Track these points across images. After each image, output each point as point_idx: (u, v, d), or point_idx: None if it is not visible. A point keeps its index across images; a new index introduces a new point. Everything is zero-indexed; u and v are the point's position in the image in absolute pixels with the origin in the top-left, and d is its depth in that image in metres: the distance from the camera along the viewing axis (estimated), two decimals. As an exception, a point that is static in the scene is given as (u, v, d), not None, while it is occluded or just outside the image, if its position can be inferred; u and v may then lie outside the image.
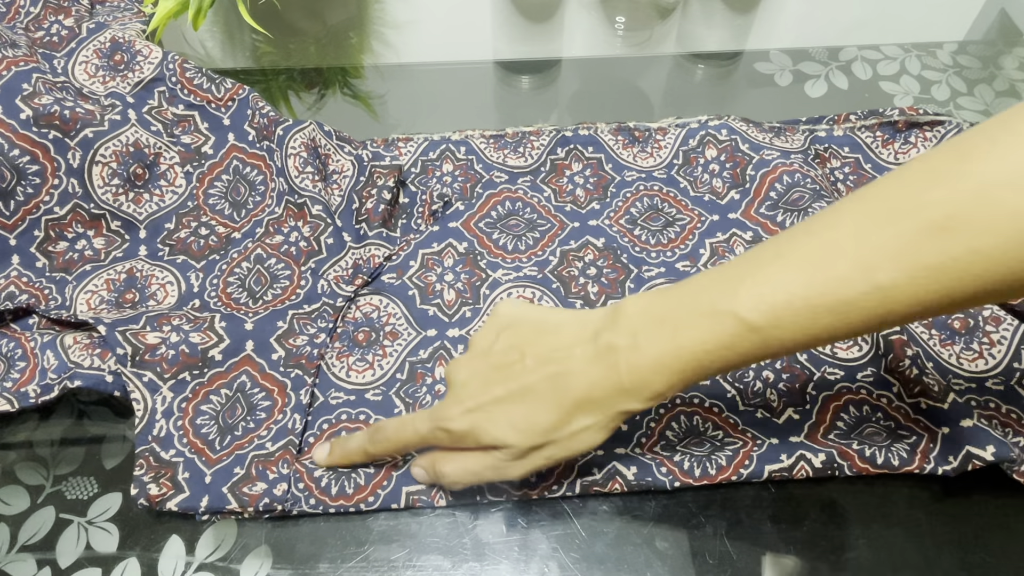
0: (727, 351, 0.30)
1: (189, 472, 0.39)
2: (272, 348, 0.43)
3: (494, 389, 0.34)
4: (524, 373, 0.33)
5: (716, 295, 0.30)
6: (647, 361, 0.31)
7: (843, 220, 0.29)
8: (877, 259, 0.27)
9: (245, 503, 0.37)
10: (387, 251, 0.47)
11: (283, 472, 0.38)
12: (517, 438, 0.33)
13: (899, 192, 0.28)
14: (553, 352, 0.33)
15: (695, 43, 0.65)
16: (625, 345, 0.31)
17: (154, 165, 0.49)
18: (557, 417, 0.33)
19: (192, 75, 0.52)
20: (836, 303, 0.28)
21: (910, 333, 0.43)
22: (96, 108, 0.48)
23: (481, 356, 0.35)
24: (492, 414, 0.34)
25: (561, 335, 0.34)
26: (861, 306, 0.28)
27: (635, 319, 0.32)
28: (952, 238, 0.26)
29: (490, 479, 0.36)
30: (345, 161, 0.49)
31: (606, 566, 0.37)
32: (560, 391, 0.33)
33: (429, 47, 0.63)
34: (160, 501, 0.37)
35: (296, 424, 0.40)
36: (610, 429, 0.33)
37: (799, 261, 0.29)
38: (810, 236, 0.29)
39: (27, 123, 0.44)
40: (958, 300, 0.27)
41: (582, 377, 0.32)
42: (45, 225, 0.46)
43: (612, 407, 0.32)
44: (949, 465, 0.38)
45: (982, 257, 0.26)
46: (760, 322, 0.29)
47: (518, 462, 0.34)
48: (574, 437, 0.33)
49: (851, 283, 0.28)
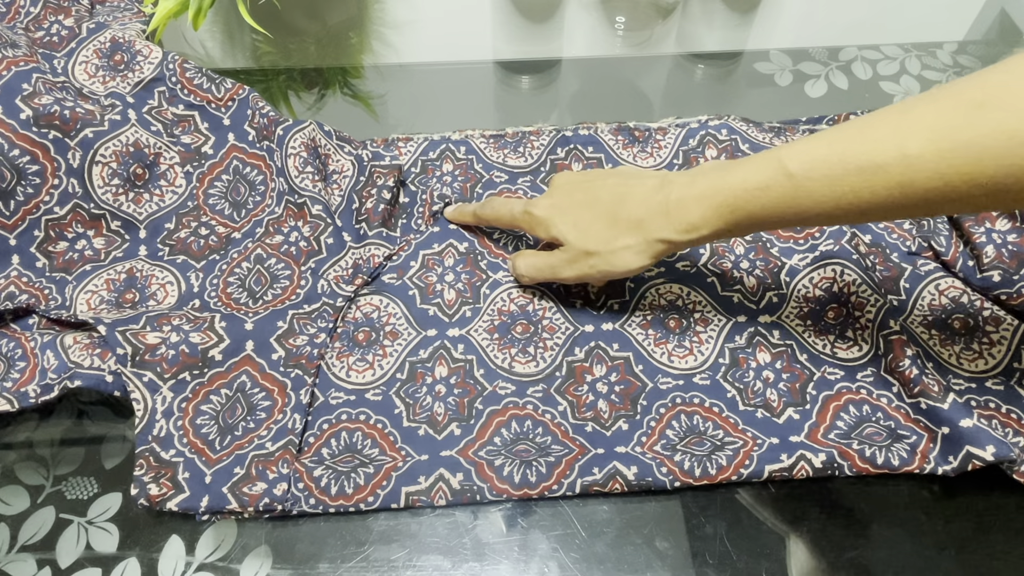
0: (762, 192, 0.34)
1: (189, 472, 0.39)
2: (272, 348, 0.43)
3: (576, 194, 0.41)
4: (602, 188, 0.40)
5: (772, 151, 0.35)
6: (693, 192, 0.36)
7: (893, 107, 0.32)
8: (912, 128, 0.30)
9: (245, 503, 0.37)
10: (387, 251, 0.47)
11: (283, 472, 0.38)
12: (575, 237, 0.40)
13: (944, 87, 0.31)
14: (629, 179, 0.40)
15: (695, 43, 0.65)
16: (682, 182, 0.37)
17: (154, 165, 0.49)
18: (608, 229, 0.39)
19: (192, 75, 0.52)
20: (866, 164, 0.31)
21: (910, 333, 0.43)
22: (96, 108, 0.48)
23: (582, 173, 0.43)
24: (565, 211, 0.41)
25: (644, 174, 0.41)
26: (887, 171, 0.31)
27: (703, 167, 0.38)
28: (984, 115, 0.28)
29: (547, 277, 0.43)
30: (345, 161, 0.49)
31: (606, 566, 0.37)
32: (617, 207, 0.39)
33: (429, 47, 0.63)
34: (160, 501, 0.37)
35: (296, 424, 0.40)
36: (648, 255, 0.38)
37: (847, 128, 0.33)
38: (863, 118, 0.33)
39: (27, 123, 0.44)
40: (976, 182, 0.29)
41: (638, 200, 0.38)
42: (45, 225, 0.46)
43: (653, 232, 0.38)
44: (949, 465, 0.38)
45: (1007, 138, 0.28)
46: (796, 169, 0.33)
47: (571, 265, 0.41)
48: (616, 254, 0.39)
49: (883, 147, 0.31)
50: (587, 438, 0.40)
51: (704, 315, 0.45)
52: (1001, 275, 0.43)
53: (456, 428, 0.41)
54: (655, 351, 0.44)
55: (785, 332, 0.44)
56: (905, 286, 0.45)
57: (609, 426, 0.41)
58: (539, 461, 0.39)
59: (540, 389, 0.42)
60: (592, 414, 0.41)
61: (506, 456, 0.40)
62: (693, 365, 0.43)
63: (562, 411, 0.42)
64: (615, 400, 0.42)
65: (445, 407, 0.42)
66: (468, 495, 0.39)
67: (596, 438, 0.40)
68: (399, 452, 0.40)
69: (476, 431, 0.41)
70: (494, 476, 0.39)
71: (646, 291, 0.46)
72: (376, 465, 0.39)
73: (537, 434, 0.41)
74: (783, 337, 0.44)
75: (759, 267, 0.46)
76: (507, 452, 0.40)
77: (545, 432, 0.41)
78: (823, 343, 0.44)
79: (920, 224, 0.47)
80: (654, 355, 0.44)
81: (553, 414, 0.41)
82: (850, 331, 0.44)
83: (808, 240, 0.47)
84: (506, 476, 0.39)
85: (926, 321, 0.44)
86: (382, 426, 0.41)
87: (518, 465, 0.39)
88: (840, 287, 0.44)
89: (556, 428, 0.41)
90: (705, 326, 0.45)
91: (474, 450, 0.40)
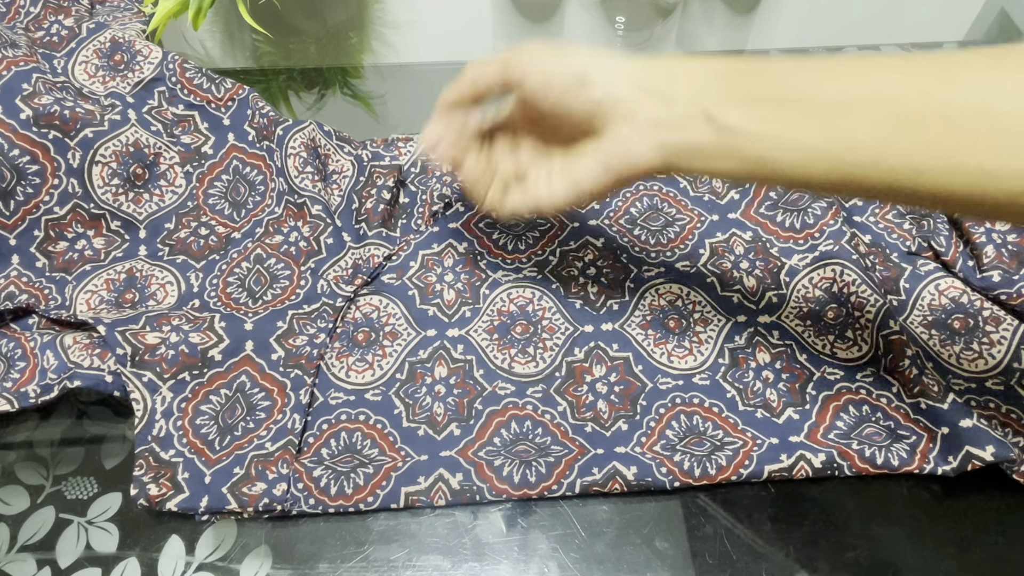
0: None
1: (189, 472, 0.39)
2: (272, 348, 0.43)
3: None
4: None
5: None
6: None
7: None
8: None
9: (244, 503, 0.37)
10: (387, 251, 0.47)
11: (283, 472, 0.38)
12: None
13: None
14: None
15: (695, 43, 0.65)
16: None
17: (154, 165, 0.49)
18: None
19: (192, 75, 0.52)
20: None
21: (910, 333, 0.43)
22: (96, 108, 0.48)
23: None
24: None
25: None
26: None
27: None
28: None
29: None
30: (345, 161, 0.49)
31: (606, 566, 0.37)
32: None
33: (429, 47, 0.63)
34: (160, 501, 0.37)
35: (296, 424, 0.40)
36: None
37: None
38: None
39: (27, 123, 0.44)
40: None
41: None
42: (45, 225, 0.46)
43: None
44: (949, 465, 0.38)
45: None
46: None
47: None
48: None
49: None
50: (587, 438, 0.40)
51: (704, 315, 0.45)
52: (1001, 275, 0.43)
53: (456, 428, 0.41)
54: (655, 351, 0.44)
55: (785, 332, 0.44)
56: (905, 286, 0.45)
57: (609, 426, 0.41)
58: (539, 461, 0.39)
59: (540, 389, 0.42)
60: (592, 414, 0.41)
61: (506, 456, 0.40)
62: (693, 365, 0.43)
63: (562, 411, 0.42)
64: (615, 400, 0.42)
65: (445, 407, 0.42)
66: (468, 495, 0.39)
67: (596, 438, 0.40)
68: (399, 452, 0.40)
69: (476, 431, 0.41)
70: (494, 476, 0.39)
71: (646, 291, 0.46)
72: (376, 465, 0.39)
73: (537, 434, 0.41)
74: (783, 337, 0.44)
75: (759, 267, 0.46)
76: (507, 452, 0.40)
77: (545, 432, 0.41)
78: (823, 343, 0.44)
79: (920, 224, 0.47)
80: (654, 355, 0.44)
81: (553, 414, 0.41)
82: (850, 331, 0.44)
83: (808, 240, 0.47)
84: (506, 476, 0.39)
85: (926, 321, 0.44)
86: (381, 426, 0.41)
87: (518, 465, 0.39)
88: (840, 287, 0.44)
89: (556, 428, 0.41)
90: (705, 326, 0.45)
91: (474, 450, 0.40)
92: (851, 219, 0.48)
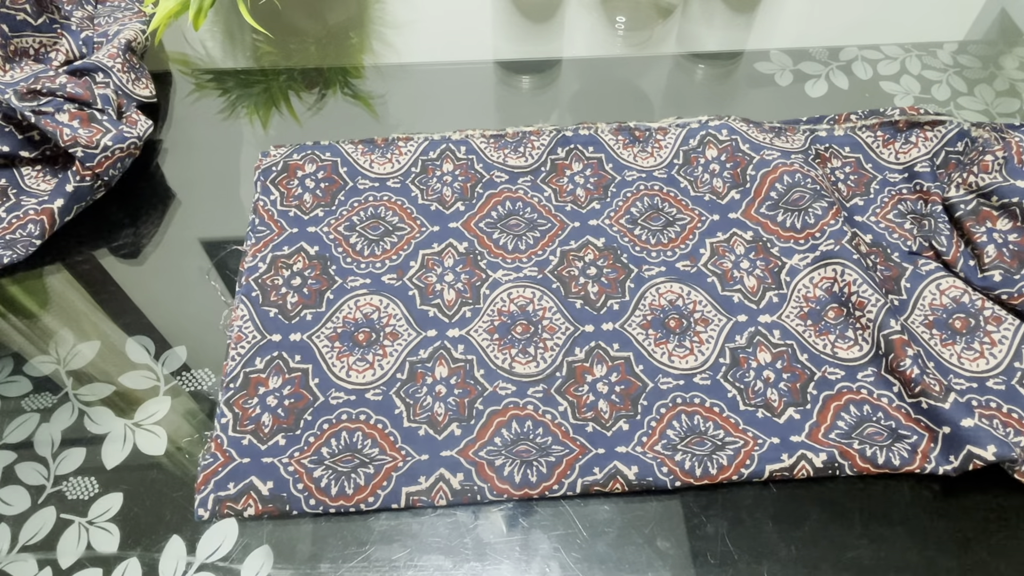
0: None
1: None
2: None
3: None
4: None
5: None
6: None
7: None
8: None
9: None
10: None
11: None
12: None
13: None
14: None
15: (695, 43, 0.65)
16: None
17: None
18: None
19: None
20: None
21: (911, 333, 0.43)
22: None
23: None
24: None
25: None
26: None
27: None
28: None
29: None
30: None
31: (607, 566, 0.37)
32: None
33: (429, 47, 0.63)
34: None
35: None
36: None
37: None
38: None
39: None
40: None
41: None
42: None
43: None
44: (950, 465, 0.38)
45: None
46: None
47: None
48: None
49: None
50: (587, 438, 0.40)
51: (704, 315, 0.45)
52: (1002, 275, 0.43)
53: (456, 428, 0.41)
54: (655, 351, 0.44)
55: (785, 332, 0.44)
56: (906, 286, 0.45)
57: (609, 426, 0.41)
58: (540, 461, 0.39)
59: (540, 389, 0.42)
60: (592, 414, 0.41)
61: (507, 456, 0.40)
62: (693, 365, 0.43)
63: (562, 411, 0.42)
64: (615, 400, 0.42)
65: (445, 407, 0.42)
66: (469, 495, 0.39)
67: (597, 438, 0.40)
68: (399, 452, 0.40)
69: (476, 431, 0.41)
70: (495, 476, 0.39)
71: (646, 291, 0.46)
72: (376, 465, 0.39)
73: (537, 434, 0.41)
74: (783, 337, 0.44)
75: (759, 267, 0.46)
76: (507, 452, 0.40)
77: (546, 432, 0.41)
78: (824, 343, 0.44)
79: (921, 224, 0.47)
80: (654, 355, 0.44)
81: (553, 414, 0.41)
82: (851, 331, 0.44)
83: (808, 240, 0.47)
84: (507, 476, 0.39)
85: (927, 321, 0.44)
86: (382, 426, 0.41)
87: (519, 465, 0.39)
88: (841, 287, 0.44)
89: (556, 428, 0.41)
90: (705, 326, 0.45)
91: (474, 450, 0.40)
92: (852, 219, 0.48)
